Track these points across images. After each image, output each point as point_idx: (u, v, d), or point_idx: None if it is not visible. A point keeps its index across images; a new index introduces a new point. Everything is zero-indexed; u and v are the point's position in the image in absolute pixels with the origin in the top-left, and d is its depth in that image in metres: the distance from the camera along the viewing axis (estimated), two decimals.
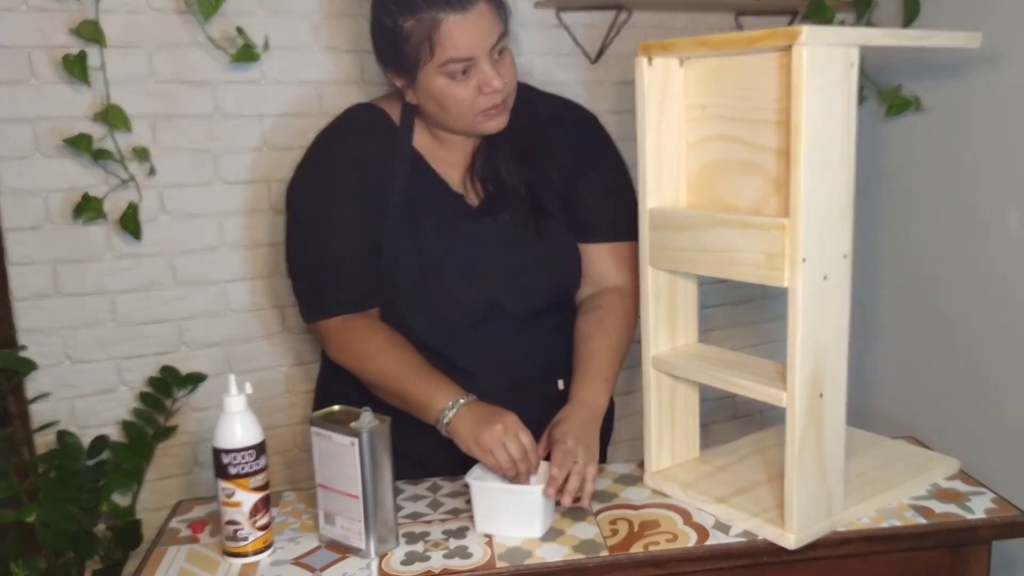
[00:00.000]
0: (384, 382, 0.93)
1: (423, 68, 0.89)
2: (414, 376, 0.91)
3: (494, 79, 0.89)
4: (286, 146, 1.33)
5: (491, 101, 0.91)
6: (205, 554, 0.82)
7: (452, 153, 0.99)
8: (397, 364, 0.92)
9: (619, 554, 0.78)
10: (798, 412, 0.76)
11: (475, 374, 0.96)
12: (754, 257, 0.77)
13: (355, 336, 0.95)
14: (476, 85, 0.90)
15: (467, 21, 0.87)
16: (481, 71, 0.89)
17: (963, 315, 1.47)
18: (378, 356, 0.93)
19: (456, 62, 0.88)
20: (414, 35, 0.88)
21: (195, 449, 1.34)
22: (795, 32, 0.70)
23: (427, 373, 0.91)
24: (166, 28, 1.22)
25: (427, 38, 0.87)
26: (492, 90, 0.90)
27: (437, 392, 0.88)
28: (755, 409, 1.78)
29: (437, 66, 0.89)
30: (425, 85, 0.91)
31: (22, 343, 1.21)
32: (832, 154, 0.75)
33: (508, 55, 0.92)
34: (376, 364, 0.93)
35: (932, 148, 1.50)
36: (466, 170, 0.99)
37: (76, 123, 1.20)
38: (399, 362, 0.92)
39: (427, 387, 0.89)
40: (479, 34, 0.88)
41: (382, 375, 0.93)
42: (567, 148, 1.01)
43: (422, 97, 0.93)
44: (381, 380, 0.93)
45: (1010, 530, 0.84)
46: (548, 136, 1.00)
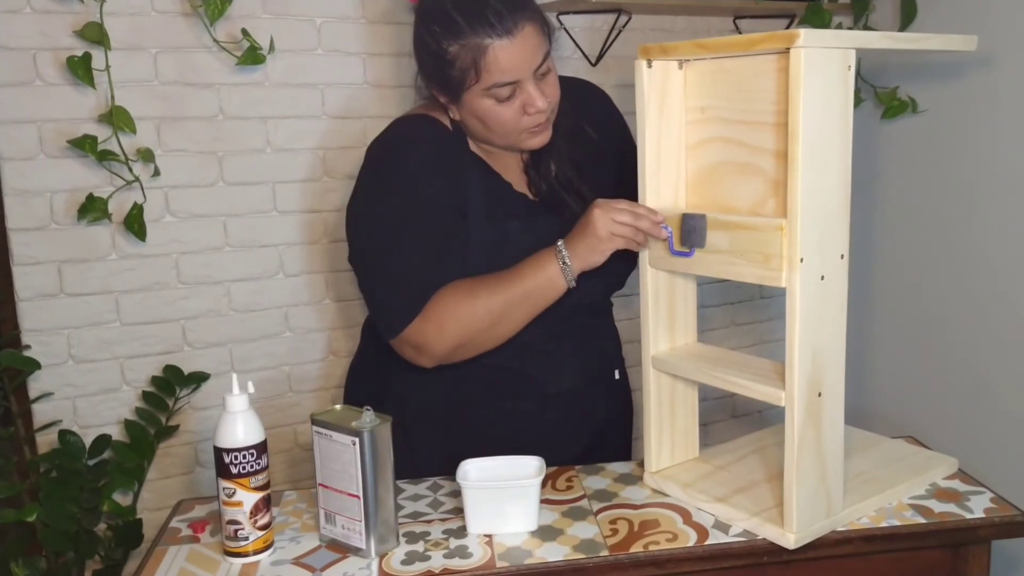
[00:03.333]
0: (498, 304, 0.89)
1: (468, 90, 0.89)
2: (511, 276, 0.89)
3: (538, 99, 0.89)
4: (290, 148, 1.34)
5: (535, 120, 0.91)
6: (206, 554, 0.82)
7: (503, 156, 0.99)
8: (491, 283, 0.90)
9: (619, 554, 0.78)
10: (797, 411, 0.77)
11: (547, 371, 0.97)
12: (752, 258, 0.78)
13: (444, 305, 0.89)
14: (520, 105, 0.89)
15: (513, 46, 0.86)
16: (526, 92, 0.88)
17: (961, 315, 1.47)
18: (473, 295, 0.89)
19: (502, 86, 0.87)
20: (459, 59, 0.87)
21: (196, 448, 1.34)
22: (793, 35, 0.71)
23: (517, 266, 0.90)
24: (171, 30, 1.23)
25: (473, 63, 0.86)
26: (536, 111, 0.89)
27: (537, 263, 0.89)
28: (754, 408, 1.79)
29: (482, 89, 0.88)
30: (470, 106, 0.90)
31: (26, 343, 1.22)
32: (830, 156, 0.75)
33: (551, 72, 0.92)
34: (479, 301, 0.89)
35: (928, 150, 1.51)
36: (522, 171, 0.99)
37: (81, 124, 1.20)
38: (491, 281, 0.90)
39: (529, 269, 0.89)
40: (524, 57, 0.87)
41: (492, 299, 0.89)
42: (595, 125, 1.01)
43: (466, 116, 0.93)
44: (496, 306, 0.89)
45: (1009, 530, 0.84)
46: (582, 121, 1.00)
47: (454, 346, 0.90)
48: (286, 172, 1.35)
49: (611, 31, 1.50)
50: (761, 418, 1.80)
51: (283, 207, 1.35)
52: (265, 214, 1.34)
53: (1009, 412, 1.39)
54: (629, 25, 1.52)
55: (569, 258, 0.88)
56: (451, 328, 0.89)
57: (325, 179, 1.38)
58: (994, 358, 1.41)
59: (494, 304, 0.89)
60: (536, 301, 0.90)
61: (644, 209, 0.85)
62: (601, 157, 1.02)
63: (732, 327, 1.74)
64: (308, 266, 1.38)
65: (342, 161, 1.38)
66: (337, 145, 1.37)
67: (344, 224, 0.98)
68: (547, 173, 0.98)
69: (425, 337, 0.90)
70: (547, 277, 0.89)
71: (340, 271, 1.41)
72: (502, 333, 0.91)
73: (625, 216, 0.84)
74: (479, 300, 0.89)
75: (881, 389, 1.64)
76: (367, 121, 1.38)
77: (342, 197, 1.39)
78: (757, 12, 1.57)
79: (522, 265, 0.90)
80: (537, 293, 0.89)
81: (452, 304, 0.90)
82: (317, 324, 1.40)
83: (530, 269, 0.89)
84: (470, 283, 0.91)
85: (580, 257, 0.87)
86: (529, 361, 0.97)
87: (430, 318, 0.90)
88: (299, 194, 1.36)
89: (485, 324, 0.90)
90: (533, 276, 0.89)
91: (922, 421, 1.54)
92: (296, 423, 1.40)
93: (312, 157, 1.36)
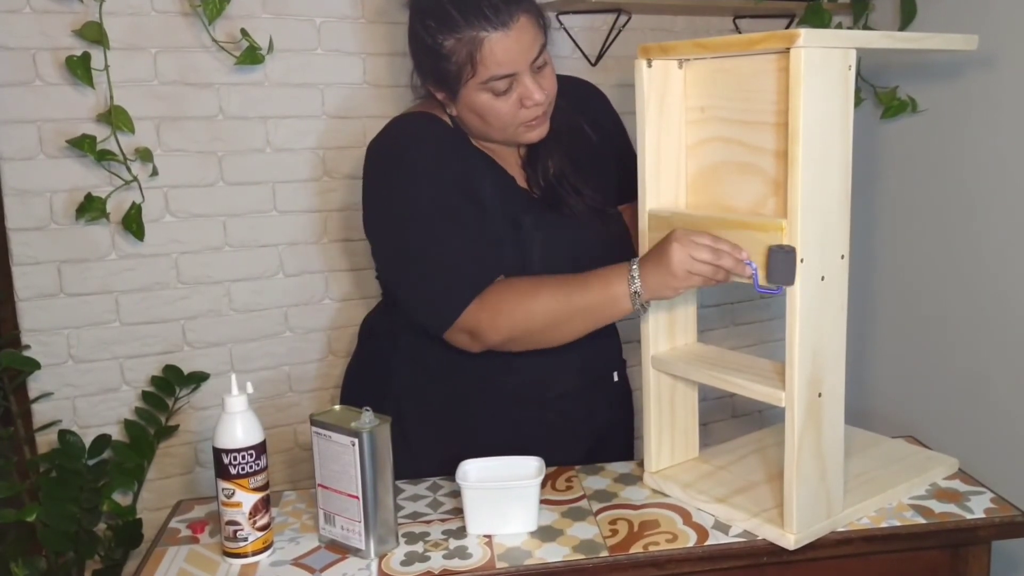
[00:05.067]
0: (557, 309, 0.86)
1: (465, 85, 0.88)
2: (577, 284, 0.85)
3: (536, 92, 0.88)
4: (289, 148, 1.34)
5: (533, 113, 0.90)
6: (205, 554, 0.82)
7: (503, 152, 0.99)
8: (556, 286, 0.86)
9: (619, 554, 0.78)
10: (797, 412, 0.77)
11: (546, 374, 0.97)
12: (753, 258, 0.77)
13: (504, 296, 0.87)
14: (518, 98, 0.89)
15: (508, 38, 0.85)
16: (523, 85, 0.88)
17: (961, 314, 1.47)
18: (536, 294, 0.87)
19: (499, 79, 0.87)
20: (456, 54, 0.87)
21: (196, 448, 1.34)
22: (793, 35, 0.71)
23: (584, 275, 0.86)
24: (170, 30, 1.23)
25: (469, 57, 0.86)
26: (534, 103, 0.89)
27: (606, 279, 0.84)
28: (754, 408, 1.79)
29: (479, 83, 0.88)
30: (467, 101, 0.90)
31: (26, 343, 1.22)
32: (830, 155, 0.75)
33: (548, 65, 0.91)
34: (541, 301, 0.86)
35: (928, 150, 1.50)
36: (521, 167, 0.99)
37: (80, 124, 1.20)
38: (556, 283, 0.86)
39: (597, 283, 0.84)
40: (521, 49, 0.86)
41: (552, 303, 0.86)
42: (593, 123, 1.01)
43: (463, 111, 0.92)
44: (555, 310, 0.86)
45: (1009, 530, 0.84)
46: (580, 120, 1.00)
47: (506, 338, 0.88)
48: (286, 172, 1.35)
49: (611, 31, 1.50)
50: (761, 418, 1.80)
51: (283, 207, 1.35)
52: (265, 214, 1.34)
53: (1009, 412, 1.39)
54: (629, 25, 1.52)
55: (641, 286, 0.82)
56: (505, 319, 0.87)
57: (325, 179, 1.38)
58: (994, 358, 1.41)
59: (553, 308, 0.86)
60: (597, 317, 0.86)
61: (727, 245, 0.78)
62: (600, 156, 1.02)
63: (732, 327, 1.74)
64: (308, 266, 1.38)
65: (342, 161, 1.38)
66: (337, 145, 1.37)
67: (362, 228, 0.96)
68: (545, 170, 0.97)
69: (479, 323, 0.88)
70: (612, 296, 0.84)
71: (340, 271, 1.41)
72: (556, 337, 0.89)
73: (706, 254, 0.77)
74: (539, 300, 0.86)
75: (881, 389, 1.64)
76: (367, 120, 1.37)
77: (342, 197, 1.39)
78: (757, 12, 1.57)
79: (591, 276, 0.85)
80: (599, 309, 0.85)
81: (510, 297, 0.87)
82: (317, 324, 1.40)
83: (598, 283, 0.85)
84: (534, 281, 0.89)
85: (651, 289, 0.82)
86: (528, 363, 0.96)
87: (485, 306, 0.87)
88: (299, 194, 1.36)
89: (540, 325, 0.87)
90: (599, 291, 0.84)
91: (922, 421, 1.54)
92: (296, 423, 1.40)
93: (312, 157, 1.36)
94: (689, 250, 0.78)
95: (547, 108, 0.92)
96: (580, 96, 1.04)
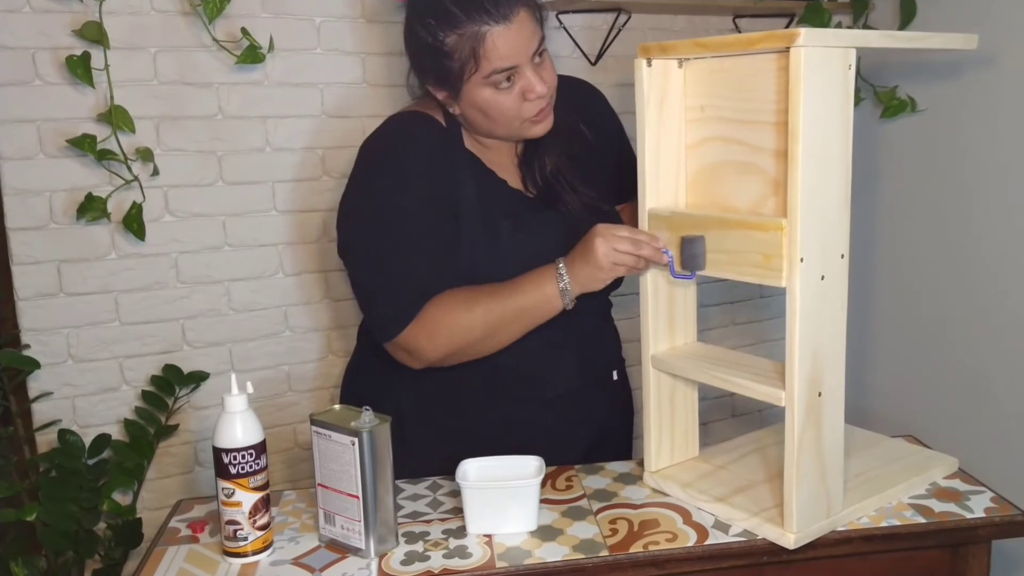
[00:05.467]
0: (493, 318, 0.89)
1: (468, 81, 0.89)
2: (508, 290, 0.89)
3: (538, 84, 0.89)
4: (289, 147, 1.34)
5: (536, 107, 0.91)
6: (205, 554, 0.82)
7: (499, 154, 0.99)
8: (488, 295, 0.90)
9: (619, 554, 0.78)
10: (797, 411, 0.77)
11: (545, 372, 0.97)
12: (752, 257, 0.77)
13: (439, 313, 0.89)
14: (520, 92, 0.90)
15: (510, 31, 0.86)
16: (524, 78, 0.89)
17: (961, 313, 1.47)
18: (470, 305, 0.89)
19: (501, 72, 0.88)
20: (458, 50, 0.87)
21: (196, 448, 1.34)
22: (793, 34, 0.70)
23: (514, 281, 0.90)
24: (169, 29, 1.23)
25: (472, 52, 0.87)
26: (536, 96, 0.90)
27: (536, 281, 0.88)
28: (754, 408, 1.79)
29: (482, 78, 0.88)
30: (470, 97, 0.90)
31: (25, 342, 1.22)
32: (829, 155, 0.75)
33: (547, 58, 0.92)
34: (475, 312, 0.89)
35: (928, 149, 1.50)
36: (516, 167, 0.99)
37: (80, 124, 1.20)
38: (488, 293, 0.90)
39: (527, 285, 0.89)
40: (521, 42, 0.87)
41: (487, 312, 0.89)
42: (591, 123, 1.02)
43: (466, 109, 0.92)
44: (490, 319, 0.89)
45: (1009, 529, 0.84)
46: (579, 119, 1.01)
47: (445, 354, 0.91)
48: (285, 171, 1.35)
49: (611, 30, 1.50)
50: (761, 417, 1.80)
51: (282, 206, 1.35)
52: (264, 213, 1.34)
53: (1009, 411, 1.39)
54: (628, 24, 1.52)
55: (569, 282, 0.88)
56: (443, 337, 0.90)
57: (324, 178, 1.38)
58: (994, 358, 1.41)
59: (489, 316, 0.90)
60: (531, 318, 0.90)
61: (645, 235, 0.85)
62: (597, 155, 1.02)
63: (732, 326, 1.74)
64: (308, 265, 1.38)
65: (341, 160, 1.38)
66: (336, 144, 1.37)
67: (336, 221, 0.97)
68: (542, 167, 0.98)
69: (417, 343, 0.90)
70: (544, 297, 0.89)
71: (340, 270, 1.41)
72: (495, 344, 0.92)
73: (626, 244, 0.84)
74: (474, 311, 0.89)
75: (881, 389, 1.64)
76: (366, 120, 1.37)
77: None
78: (756, 11, 1.57)
79: (521, 280, 0.90)
80: (533, 311, 0.90)
81: (447, 313, 0.90)
82: (317, 323, 1.40)
83: (529, 285, 0.89)
84: (467, 292, 0.91)
85: (580, 283, 0.88)
86: (527, 363, 0.96)
87: (423, 325, 0.90)
88: (298, 193, 1.36)
89: (478, 335, 0.90)
90: (531, 293, 0.89)
91: (922, 420, 1.54)
92: (295, 423, 1.40)
93: (311, 156, 1.36)
94: (611, 243, 0.85)
95: (549, 101, 0.93)
96: (577, 96, 1.04)
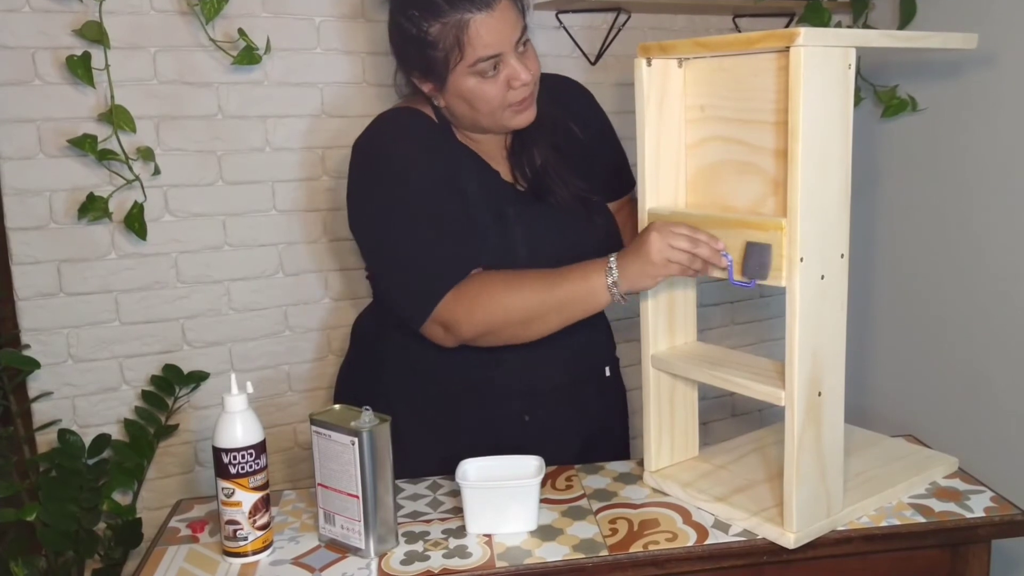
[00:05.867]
0: (535, 303, 0.87)
1: (453, 71, 0.89)
2: (555, 278, 0.86)
3: (522, 72, 0.90)
4: (289, 147, 1.34)
5: (520, 95, 0.92)
6: (205, 554, 0.82)
7: (488, 146, 0.99)
8: (533, 280, 0.87)
9: (619, 553, 0.78)
10: (797, 411, 0.77)
11: (536, 367, 0.97)
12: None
13: (481, 289, 0.88)
14: (505, 80, 0.90)
15: (493, 19, 0.87)
16: (509, 66, 0.90)
17: (961, 313, 1.47)
18: (513, 287, 0.87)
19: (486, 60, 0.88)
20: (442, 39, 0.88)
21: (196, 448, 1.34)
22: (793, 34, 0.70)
23: (562, 269, 0.87)
24: (169, 29, 1.23)
25: (456, 40, 0.87)
26: (521, 83, 0.90)
27: (584, 272, 0.85)
28: (754, 407, 1.79)
29: (467, 67, 0.89)
30: (455, 87, 0.91)
31: (25, 342, 1.22)
32: (829, 155, 0.75)
33: (530, 47, 0.93)
34: (519, 294, 0.87)
35: (928, 149, 1.50)
36: (506, 159, 0.99)
37: (80, 124, 1.20)
38: (533, 277, 0.87)
39: (575, 276, 0.85)
40: (505, 29, 0.88)
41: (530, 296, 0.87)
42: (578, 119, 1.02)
43: (451, 99, 0.93)
44: (532, 304, 0.87)
45: (1009, 529, 0.84)
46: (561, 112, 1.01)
47: (481, 331, 0.89)
48: (285, 171, 1.35)
49: (610, 30, 1.50)
50: (761, 417, 1.80)
51: (282, 206, 1.35)
52: (264, 213, 1.34)
53: (1009, 411, 1.39)
54: (628, 24, 1.52)
55: (619, 277, 0.83)
56: (481, 314, 0.88)
57: (324, 178, 1.38)
58: (994, 357, 1.41)
59: (531, 302, 0.87)
60: (574, 310, 0.87)
61: (704, 235, 0.80)
62: (586, 151, 1.03)
63: (732, 326, 1.74)
64: (307, 265, 1.38)
65: (341, 160, 1.38)
66: (336, 144, 1.37)
67: (348, 225, 0.97)
68: (531, 160, 0.98)
69: (455, 315, 0.89)
70: (590, 289, 0.85)
71: (340, 270, 1.41)
72: (533, 332, 0.89)
73: (683, 242, 0.80)
74: (517, 294, 0.87)
75: (881, 388, 1.64)
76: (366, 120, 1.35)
77: (342, 196, 1.38)
78: (756, 11, 1.57)
79: (569, 270, 0.87)
80: (577, 302, 0.86)
81: (488, 291, 0.88)
82: (316, 323, 1.40)
83: (577, 276, 0.86)
84: (511, 273, 0.89)
85: (630, 279, 0.83)
86: (516, 358, 0.96)
87: (462, 299, 0.88)
88: (298, 193, 1.36)
89: (517, 319, 0.88)
90: (577, 284, 0.85)
91: (922, 420, 1.54)
92: (295, 422, 1.40)
93: (311, 156, 1.36)
94: (668, 239, 0.81)
95: (533, 89, 0.94)
96: (564, 93, 1.05)
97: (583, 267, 0.86)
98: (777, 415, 0.81)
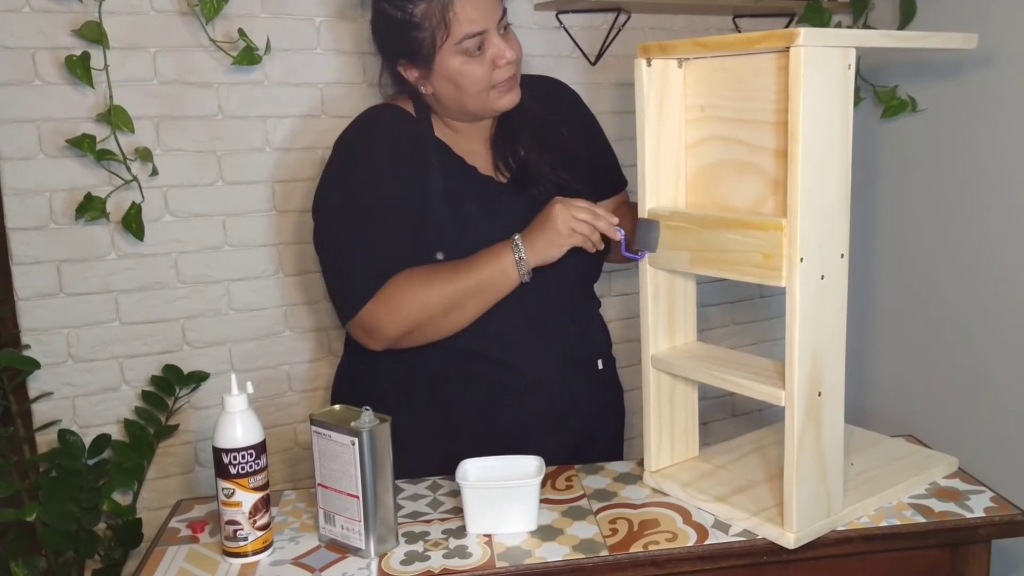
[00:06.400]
0: (451, 292, 0.90)
1: (440, 51, 0.92)
2: (466, 266, 0.91)
3: (507, 51, 0.93)
4: (289, 147, 1.34)
5: (506, 73, 0.94)
6: (205, 554, 0.82)
7: (470, 140, 1.01)
8: (447, 272, 0.91)
9: (619, 553, 0.78)
10: (797, 411, 0.77)
11: (526, 358, 0.98)
12: (752, 257, 0.77)
13: (398, 289, 0.91)
14: (490, 59, 0.93)
15: None
16: (493, 45, 0.92)
17: (960, 313, 1.47)
18: (429, 282, 0.91)
19: (471, 37, 0.91)
20: (428, 18, 0.90)
21: (196, 448, 1.34)
22: (793, 34, 0.70)
23: (472, 257, 0.92)
24: (169, 30, 1.23)
25: (442, 19, 0.90)
26: (506, 61, 0.93)
27: (492, 255, 0.90)
28: (753, 407, 1.79)
29: (453, 45, 0.91)
30: (442, 69, 0.93)
31: (25, 342, 1.22)
32: (829, 155, 0.75)
33: (511, 30, 0.96)
34: (435, 287, 0.90)
35: (928, 149, 1.50)
36: (488, 152, 1.01)
37: (79, 124, 1.20)
38: (447, 269, 0.92)
39: (484, 260, 0.91)
40: (488, 6, 0.92)
41: (446, 287, 0.90)
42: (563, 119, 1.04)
43: (438, 83, 0.94)
44: (449, 294, 0.90)
45: (1009, 529, 0.84)
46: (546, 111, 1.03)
47: (405, 330, 0.92)
48: (285, 171, 1.35)
49: (610, 30, 1.50)
50: (761, 417, 1.80)
51: (282, 206, 1.35)
52: (264, 213, 1.34)
53: (1009, 411, 1.39)
54: (628, 24, 1.52)
55: (525, 252, 0.89)
56: (403, 313, 0.91)
57: None
58: (994, 357, 1.41)
59: (448, 292, 0.91)
60: (489, 293, 0.91)
61: (602, 210, 0.90)
62: (571, 150, 1.04)
63: (732, 326, 1.74)
64: (308, 265, 1.38)
65: None
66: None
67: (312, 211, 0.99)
68: (514, 151, 1.00)
69: (376, 319, 0.92)
70: (500, 269, 0.90)
71: None
72: (455, 321, 0.93)
73: (585, 214, 0.88)
74: (433, 287, 0.91)
75: (881, 388, 1.64)
76: None
77: None
78: (756, 11, 1.57)
79: (478, 256, 0.92)
80: (490, 284, 0.91)
81: (406, 289, 0.91)
82: (316, 323, 1.40)
83: (485, 260, 0.91)
84: (426, 270, 0.92)
85: (537, 252, 0.89)
86: (506, 351, 0.97)
87: (383, 301, 0.91)
88: (298, 193, 1.36)
89: (438, 311, 0.91)
90: (487, 267, 0.91)
91: (922, 420, 1.54)
92: (295, 422, 1.40)
93: (311, 156, 1.36)
94: (571, 211, 0.89)
95: (517, 71, 0.96)
96: (549, 93, 1.06)
97: (491, 250, 0.91)
98: (777, 415, 0.81)
